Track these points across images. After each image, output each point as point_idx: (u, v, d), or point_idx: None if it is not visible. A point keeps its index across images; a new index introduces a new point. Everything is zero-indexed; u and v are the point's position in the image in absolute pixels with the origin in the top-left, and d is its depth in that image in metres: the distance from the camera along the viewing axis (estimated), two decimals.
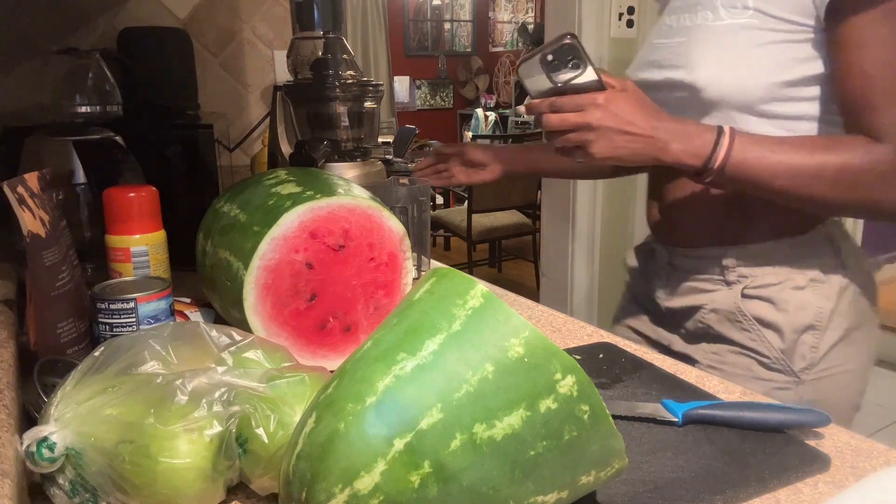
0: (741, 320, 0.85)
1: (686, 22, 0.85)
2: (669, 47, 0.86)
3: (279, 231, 0.69)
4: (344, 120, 1.10)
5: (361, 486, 0.39)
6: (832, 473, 0.57)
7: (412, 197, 1.03)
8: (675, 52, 0.85)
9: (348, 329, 0.75)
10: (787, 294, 0.83)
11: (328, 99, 1.08)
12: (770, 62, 0.78)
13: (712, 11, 0.81)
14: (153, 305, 0.68)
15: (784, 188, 0.74)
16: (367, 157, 1.11)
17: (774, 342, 0.83)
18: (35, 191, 0.66)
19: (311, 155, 1.05)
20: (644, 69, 0.91)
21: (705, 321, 0.88)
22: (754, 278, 0.84)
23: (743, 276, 0.85)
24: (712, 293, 0.87)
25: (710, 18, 0.81)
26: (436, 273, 0.47)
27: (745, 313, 0.85)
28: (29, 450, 0.47)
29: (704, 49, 0.81)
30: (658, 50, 0.89)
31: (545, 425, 0.41)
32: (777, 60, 0.78)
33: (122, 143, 0.99)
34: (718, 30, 0.80)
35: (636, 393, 0.71)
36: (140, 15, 1.39)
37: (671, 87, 0.85)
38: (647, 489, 0.53)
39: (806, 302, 0.83)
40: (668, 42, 0.87)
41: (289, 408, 0.51)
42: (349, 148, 1.11)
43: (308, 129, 1.11)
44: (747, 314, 0.85)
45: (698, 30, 0.83)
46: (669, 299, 0.94)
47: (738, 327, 0.86)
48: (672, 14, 0.89)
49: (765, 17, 0.77)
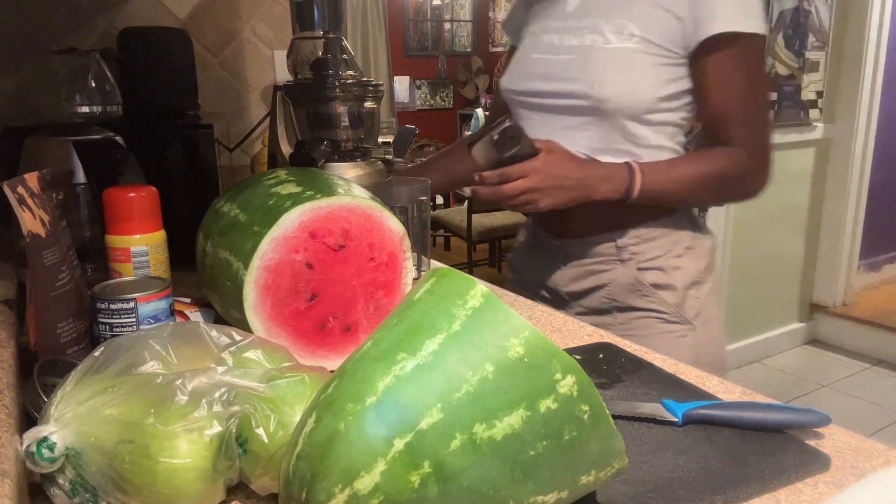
0: (640, 289, 1.03)
1: (572, 42, 1.00)
2: (558, 62, 1.02)
3: (279, 231, 0.69)
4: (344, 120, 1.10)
5: (361, 486, 0.39)
6: (832, 473, 0.57)
7: (412, 197, 1.02)
8: (566, 66, 1.01)
9: (348, 329, 0.75)
10: (671, 261, 1.03)
11: (328, 99, 1.08)
12: (653, 80, 0.96)
13: (601, 35, 0.97)
14: (153, 305, 0.68)
15: (682, 198, 0.99)
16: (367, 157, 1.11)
17: (669, 300, 1.02)
18: (35, 191, 0.66)
19: (310, 155, 1.04)
20: (530, 80, 1.06)
21: (611, 296, 1.04)
22: (643, 254, 1.03)
23: (634, 254, 1.03)
24: (611, 272, 1.04)
25: (600, 42, 0.97)
26: (436, 273, 0.47)
27: (644, 283, 1.03)
28: (29, 450, 0.46)
29: (601, 67, 0.96)
30: (542, 63, 1.04)
31: (545, 425, 0.41)
32: (658, 79, 0.96)
33: (122, 143, 0.99)
34: (610, 51, 0.96)
35: (636, 393, 0.71)
36: (140, 15, 1.39)
37: (566, 96, 1.00)
38: (647, 489, 0.53)
39: (686, 265, 1.03)
40: (554, 58, 1.02)
41: (289, 408, 0.51)
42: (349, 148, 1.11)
43: (308, 129, 1.11)
44: (645, 283, 1.03)
45: (589, 50, 0.98)
46: (571, 284, 1.09)
47: (638, 295, 1.03)
48: (551, 33, 1.04)
49: (648, 44, 0.95)
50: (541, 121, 1.06)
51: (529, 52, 1.07)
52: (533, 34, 1.08)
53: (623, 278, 1.03)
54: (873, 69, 3.07)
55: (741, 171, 0.96)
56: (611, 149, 1.00)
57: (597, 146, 1.00)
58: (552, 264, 1.11)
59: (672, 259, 1.03)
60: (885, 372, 2.98)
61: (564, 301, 1.11)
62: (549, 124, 1.04)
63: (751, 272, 3.03)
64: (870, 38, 3.01)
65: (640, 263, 1.03)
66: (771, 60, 2.83)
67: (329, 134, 1.10)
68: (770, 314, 3.20)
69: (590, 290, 1.06)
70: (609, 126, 0.98)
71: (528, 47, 1.08)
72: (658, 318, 1.02)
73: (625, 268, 1.03)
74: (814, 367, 3.09)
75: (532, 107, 1.07)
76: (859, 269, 3.42)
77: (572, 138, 1.00)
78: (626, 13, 0.96)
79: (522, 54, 1.09)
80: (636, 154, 1.00)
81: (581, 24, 1.00)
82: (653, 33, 0.94)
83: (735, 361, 3.08)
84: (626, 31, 0.95)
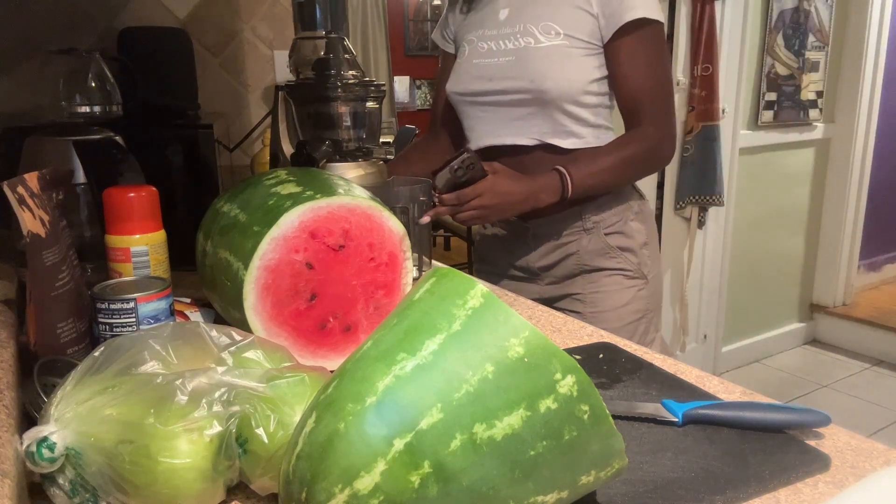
0: (609, 251, 1.20)
1: (509, 45, 1.15)
2: (497, 65, 1.17)
3: (279, 231, 0.69)
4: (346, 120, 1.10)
5: (361, 486, 0.39)
6: (832, 473, 0.57)
7: (413, 197, 1.03)
8: (506, 67, 1.15)
9: (348, 329, 0.75)
10: (628, 226, 1.20)
11: (330, 99, 1.08)
12: (581, 69, 1.12)
13: (532, 38, 1.13)
14: (153, 305, 0.68)
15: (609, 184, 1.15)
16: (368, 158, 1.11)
17: (631, 259, 1.20)
18: (35, 191, 0.66)
19: (312, 155, 1.04)
20: (474, 81, 1.20)
21: (580, 262, 1.21)
22: (604, 221, 1.19)
23: (596, 223, 1.19)
24: (578, 241, 1.20)
25: (533, 43, 1.12)
26: (436, 273, 0.47)
27: (612, 245, 1.20)
28: (29, 450, 0.46)
29: (538, 63, 1.12)
30: (484, 67, 1.18)
31: (545, 425, 0.41)
32: (585, 68, 1.12)
33: (122, 143, 0.99)
34: (543, 50, 1.12)
35: (636, 393, 0.71)
36: (140, 15, 1.39)
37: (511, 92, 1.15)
38: (647, 489, 0.53)
39: (638, 227, 1.21)
40: (494, 61, 1.17)
41: (289, 408, 0.51)
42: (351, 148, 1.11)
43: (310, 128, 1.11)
44: (612, 246, 1.20)
45: (525, 51, 1.13)
46: (541, 259, 1.23)
47: (606, 257, 1.20)
48: (488, 40, 1.18)
49: (572, 39, 1.11)
50: (489, 117, 1.20)
51: (471, 58, 1.21)
52: (471, 42, 1.22)
53: (591, 245, 1.19)
54: (873, 69, 3.07)
55: (653, 146, 1.14)
56: (558, 131, 1.15)
57: (546, 131, 1.15)
58: (521, 245, 1.25)
59: (628, 223, 1.20)
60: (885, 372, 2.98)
61: (535, 274, 1.26)
62: (498, 118, 1.18)
63: (751, 272, 3.03)
64: (870, 38, 3.01)
65: (604, 229, 1.19)
66: (771, 60, 2.83)
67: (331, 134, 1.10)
68: (770, 314, 3.20)
69: (559, 260, 1.22)
70: (552, 112, 1.13)
71: (468, 54, 1.22)
72: (623, 275, 1.20)
73: (591, 235, 1.19)
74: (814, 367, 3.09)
75: (479, 104, 1.21)
76: (859, 269, 3.42)
77: (522, 128, 1.16)
78: (550, 16, 1.12)
79: (464, 60, 1.23)
80: (579, 133, 1.15)
81: (514, 29, 1.15)
82: (574, 30, 1.11)
83: (735, 361, 3.08)
84: (552, 31, 1.11)
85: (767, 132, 2.90)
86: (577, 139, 1.15)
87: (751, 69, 2.79)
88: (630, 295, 1.19)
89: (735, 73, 2.73)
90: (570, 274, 1.22)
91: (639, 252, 1.21)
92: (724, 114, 2.67)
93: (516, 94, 1.15)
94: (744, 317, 3.06)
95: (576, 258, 1.21)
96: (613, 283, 1.20)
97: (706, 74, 2.56)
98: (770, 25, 2.79)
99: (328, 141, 1.07)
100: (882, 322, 3.13)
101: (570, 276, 1.22)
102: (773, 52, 2.84)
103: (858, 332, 3.19)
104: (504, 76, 1.15)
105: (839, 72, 3.08)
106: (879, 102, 3.14)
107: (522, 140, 1.16)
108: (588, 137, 1.15)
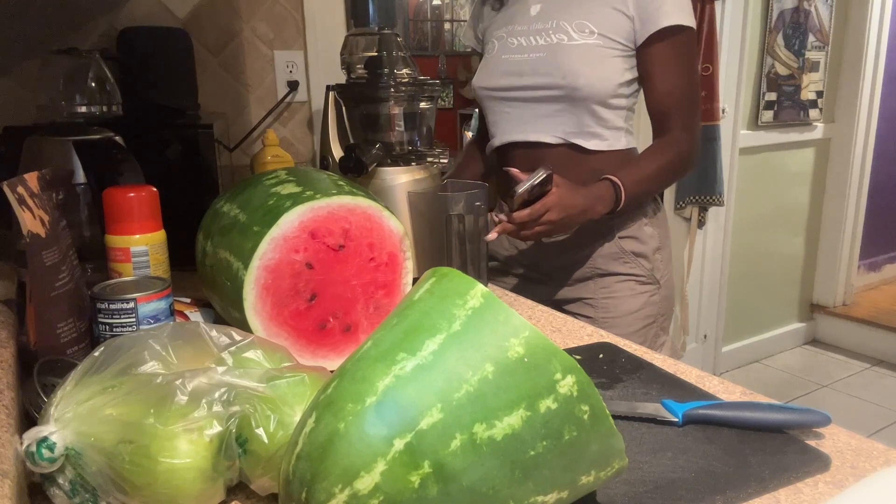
0: (623, 256, 1.19)
1: (539, 41, 1.14)
2: (528, 60, 1.15)
3: (279, 231, 0.69)
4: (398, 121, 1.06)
5: (361, 486, 0.39)
6: (832, 473, 0.57)
7: (469, 204, 0.96)
8: (537, 62, 1.14)
9: (348, 329, 0.75)
10: (642, 231, 1.19)
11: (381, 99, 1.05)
12: (614, 70, 1.11)
13: (565, 34, 1.11)
14: (153, 305, 0.68)
15: (652, 192, 1.17)
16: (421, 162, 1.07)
17: (644, 264, 1.19)
18: (35, 191, 0.66)
19: (361, 159, 1.00)
20: (503, 77, 1.18)
21: (594, 265, 1.20)
22: (619, 225, 1.18)
23: (611, 227, 1.17)
24: (593, 244, 1.19)
25: (566, 40, 1.11)
26: (436, 273, 0.47)
27: (626, 250, 1.19)
28: (29, 450, 0.46)
29: (571, 60, 1.10)
30: (513, 63, 1.17)
31: (545, 425, 0.41)
32: (617, 69, 1.11)
33: (122, 143, 0.99)
34: (576, 47, 1.10)
35: (636, 393, 0.71)
36: (140, 15, 1.39)
37: (540, 88, 1.14)
38: (647, 489, 0.53)
39: (651, 232, 1.20)
40: (524, 56, 1.15)
41: (289, 408, 0.51)
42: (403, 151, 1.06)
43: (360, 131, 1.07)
44: (626, 251, 1.19)
45: (558, 47, 1.11)
46: (555, 260, 1.22)
47: (620, 262, 1.19)
48: (518, 36, 1.17)
49: (605, 39, 1.10)
50: (515, 113, 1.19)
51: (500, 54, 1.19)
52: (500, 38, 1.20)
53: (607, 249, 1.19)
54: (873, 69, 3.07)
55: (684, 152, 1.14)
56: (583, 132, 1.14)
57: (571, 130, 1.14)
58: (534, 246, 1.24)
59: (643, 228, 1.19)
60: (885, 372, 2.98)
61: (546, 276, 1.25)
62: (524, 114, 1.17)
63: (751, 272, 3.02)
64: (870, 38, 3.01)
65: (619, 233, 1.18)
66: (771, 60, 2.83)
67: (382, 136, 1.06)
68: (770, 314, 3.20)
69: (574, 262, 1.21)
70: (580, 111, 1.12)
71: (497, 50, 1.20)
72: (636, 281, 1.19)
73: (605, 239, 1.18)
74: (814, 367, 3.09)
75: (506, 100, 1.19)
76: (859, 269, 3.42)
77: (549, 125, 1.15)
78: (584, 14, 1.11)
79: (493, 56, 1.21)
80: (602, 135, 1.14)
81: (546, 25, 1.14)
82: (609, 30, 1.10)
83: (735, 361, 3.07)
84: (586, 30, 1.10)
85: (767, 132, 2.89)
86: (600, 141, 1.14)
87: (751, 69, 2.79)
88: (642, 301, 1.19)
89: (735, 73, 2.73)
90: (582, 276, 1.21)
91: (651, 257, 1.20)
92: (724, 114, 2.67)
93: (546, 90, 1.14)
94: (744, 317, 3.06)
95: (591, 261, 1.20)
96: (626, 288, 1.19)
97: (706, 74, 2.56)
98: (770, 25, 2.79)
99: (378, 144, 1.03)
100: (882, 322, 3.13)
101: (582, 279, 1.21)
102: (773, 52, 2.83)
103: (858, 332, 3.19)
104: (534, 72, 1.14)
105: (839, 72, 3.08)
106: (879, 102, 3.14)
107: (546, 137, 1.15)
108: (610, 140, 1.15)
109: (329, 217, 0.72)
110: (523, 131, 1.18)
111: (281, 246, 0.69)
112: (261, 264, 0.69)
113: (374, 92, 1.05)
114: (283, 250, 0.70)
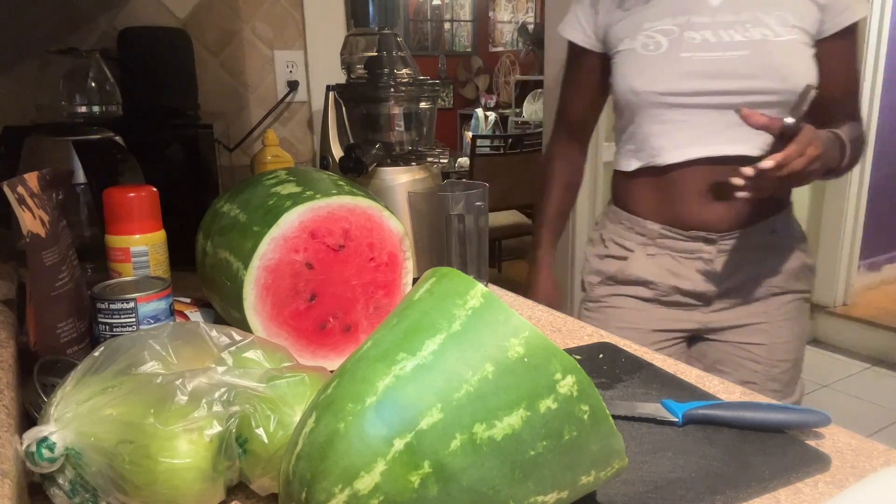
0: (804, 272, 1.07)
1: (736, 37, 0.97)
2: (725, 59, 0.97)
3: (279, 231, 0.69)
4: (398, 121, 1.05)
5: (361, 486, 0.39)
6: (832, 473, 0.57)
7: (469, 204, 0.92)
8: (739, 62, 0.97)
9: (348, 329, 0.75)
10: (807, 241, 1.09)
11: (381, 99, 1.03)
12: (812, 68, 0.98)
13: (769, 29, 0.96)
14: (153, 305, 0.68)
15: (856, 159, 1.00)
16: (422, 161, 1.05)
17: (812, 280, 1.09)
18: (35, 191, 0.66)
19: (361, 159, 0.98)
20: (687, 79, 1.00)
21: (772, 283, 1.06)
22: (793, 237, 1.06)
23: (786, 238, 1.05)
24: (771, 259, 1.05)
25: (771, 35, 0.96)
26: (436, 273, 0.47)
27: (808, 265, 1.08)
28: (29, 450, 0.46)
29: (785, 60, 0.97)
30: (701, 62, 0.99)
31: (545, 425, 0.41)
32: (813, 67, 0.99)
33: (122, 143, 0.99)
34: (785, 44, 0.96)
35: (636, 393, 0.71)
36: (140, 15, 1.39)
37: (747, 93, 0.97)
38: (647, 489, 0.53)
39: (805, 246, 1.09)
40: (718, 55, 0.98)
41: (289, 408, 0.51)
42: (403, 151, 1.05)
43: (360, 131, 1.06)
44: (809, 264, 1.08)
45: (764, 44, 0.96)
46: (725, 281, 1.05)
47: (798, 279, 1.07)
48: (700, 29, 0.99)
49: (803, 33, 0.97)
50: (696, 121, 1.01)
51: (675, 51, 1.00)
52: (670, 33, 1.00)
53: (791, 263, 1.05)
54: (873, 69, 3.07)
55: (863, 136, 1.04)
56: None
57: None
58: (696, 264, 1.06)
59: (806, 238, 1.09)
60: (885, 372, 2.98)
61: (706, 299, 1.07)
62: (710, 123, 1.00)
63: None
64: (870, 38, 3.01)
65: (798, 245, 1.06)
66: None
67: (382, 136, 1.05)
68: None
69: (744, 282, 1.05)
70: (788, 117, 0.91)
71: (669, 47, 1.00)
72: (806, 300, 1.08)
73: (787, 252, 1.06)
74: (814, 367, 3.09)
75: (687, 106, 1.01)
76: (859, 269, 3.42)
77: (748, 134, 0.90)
78: (781, 4, 0.97)
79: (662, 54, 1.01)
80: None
81: (739, 18, 0.97)
82: (804, 22, 0.97)
83: None
84: (788, 23, 0.97)
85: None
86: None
87: None
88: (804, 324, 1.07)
89: None
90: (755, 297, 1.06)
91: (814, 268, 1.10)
92: None
93: (755, 96, 0.97)
94: None
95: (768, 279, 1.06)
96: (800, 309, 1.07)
97: None
98: None
99: (378, 144, 1.02)
100: (882, 322, 3.13)
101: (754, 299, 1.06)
102: None
103: (858, 332, 3.19)
104: (737, 73, 0.97)
105: None
106: (879, 102, 3.14)
107: (747, 149, 0.94)
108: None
109: (329, 217, 0.72)
110: (712, 143, 0.99)
111: (281, 246, 0.69)
112: (261, 264, 0.69)
113: (374, 92, 1.05)
114: (283, 250, 0.70)
